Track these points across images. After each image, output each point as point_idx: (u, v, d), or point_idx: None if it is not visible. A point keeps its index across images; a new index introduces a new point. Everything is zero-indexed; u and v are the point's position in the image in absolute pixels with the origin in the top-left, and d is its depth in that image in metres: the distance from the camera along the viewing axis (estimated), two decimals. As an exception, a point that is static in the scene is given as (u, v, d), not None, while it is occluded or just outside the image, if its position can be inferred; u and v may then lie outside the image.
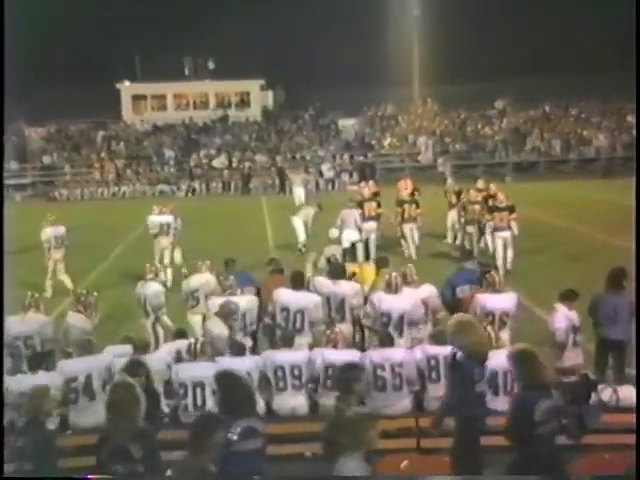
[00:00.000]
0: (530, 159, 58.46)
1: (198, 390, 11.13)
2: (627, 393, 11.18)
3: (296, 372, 11.79)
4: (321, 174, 56.25)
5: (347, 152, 59.68)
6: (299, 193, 43.29)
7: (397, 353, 11.82)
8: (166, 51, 63.38)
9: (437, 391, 11.34)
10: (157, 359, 11.53)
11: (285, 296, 13.48)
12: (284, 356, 11.93)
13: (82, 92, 60.08)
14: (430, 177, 47.06)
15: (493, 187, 25.44)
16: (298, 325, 13.22)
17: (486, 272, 14.00)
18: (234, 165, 58.16)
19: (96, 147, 62.42)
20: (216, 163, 58.62)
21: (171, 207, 25.15)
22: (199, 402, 11.14)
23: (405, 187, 27.46)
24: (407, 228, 25.34)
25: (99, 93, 63.22)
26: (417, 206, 25.90)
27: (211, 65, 69.08)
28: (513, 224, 22.36)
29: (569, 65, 56.12)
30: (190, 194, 54.66)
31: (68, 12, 53.67)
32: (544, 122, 62.39)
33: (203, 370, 11.05)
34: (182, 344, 11.87)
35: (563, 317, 12.26)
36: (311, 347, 12.71)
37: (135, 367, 10.77)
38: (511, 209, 22.77)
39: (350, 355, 11.86)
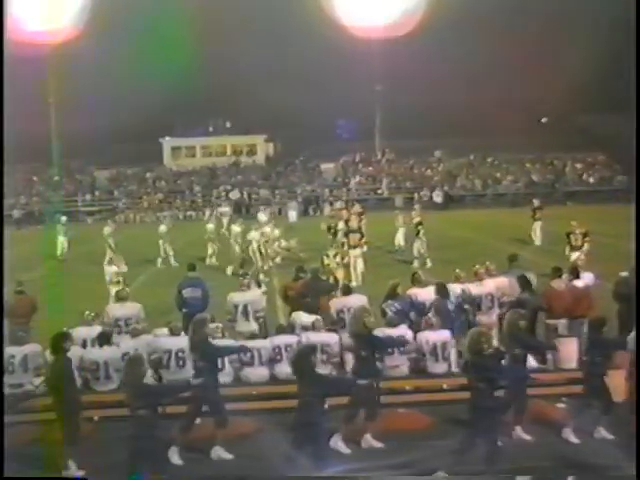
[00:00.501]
0: (459, 193, 58.87)
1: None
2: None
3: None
4: (309, 203, 56.78)
5: (327, 188, 60.02)
6: (291, 215, 44.30)
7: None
8: (195, 115, 63.90)
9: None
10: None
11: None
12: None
13: (136, 146, 60.58)
14: (387, 206, 47.82)
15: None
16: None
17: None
18: (244, 197, 58.54)
19: (145, 184, 62.71)
20: (231, 196, 58.84)
21: None
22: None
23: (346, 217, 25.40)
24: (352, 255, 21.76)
25: (148, 146, 63.88)
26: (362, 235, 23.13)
27: (228, 124, 69.11)
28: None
29: (488, 128, 56.60)
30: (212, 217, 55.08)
31: (126, 87, 54.01)
32: (469, 167, 62.85)
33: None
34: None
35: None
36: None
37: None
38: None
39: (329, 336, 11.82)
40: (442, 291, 12.64)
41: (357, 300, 12.45)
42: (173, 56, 55.22)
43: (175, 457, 9.58)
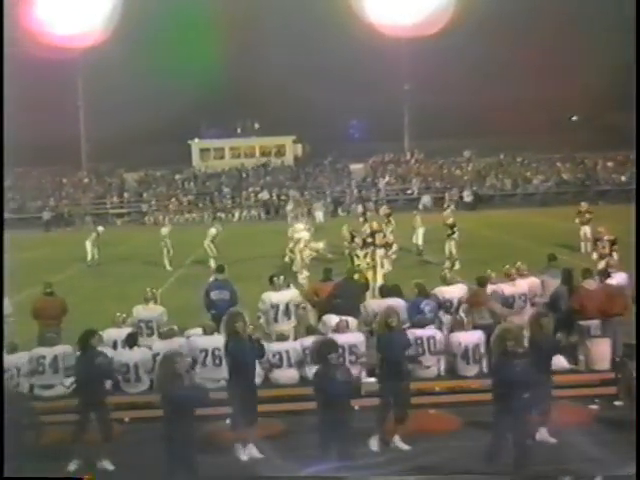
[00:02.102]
0: (489, 193, 58.53)
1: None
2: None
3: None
4: (338, 203, 56.85)
5: (356, 189, 60.07)
6: (318, 216, 44.50)
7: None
8: (224, 117, 64.18)
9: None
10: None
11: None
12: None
13: (164, 148, 61.03)
14: (415, 206, 47.75)
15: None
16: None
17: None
18: (273, 198, 58.74)
19: (174, 186, 63.03)
20: (261, 197, 59.07)
21: None
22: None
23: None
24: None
25: (176, 148, 64.35)
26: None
27: (257, 126, 69.34)
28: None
29: (517, 126, 56.29)
30: (241, 219, 55.54)
31: (154, 89, 54.48)
32: (498, 167, 62.37)
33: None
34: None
35: None
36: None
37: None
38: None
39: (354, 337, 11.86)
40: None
41: (393, 302, 12.27)
42: (201, 57, 55.58)
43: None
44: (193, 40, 56.10)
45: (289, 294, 13.53)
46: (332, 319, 12.42)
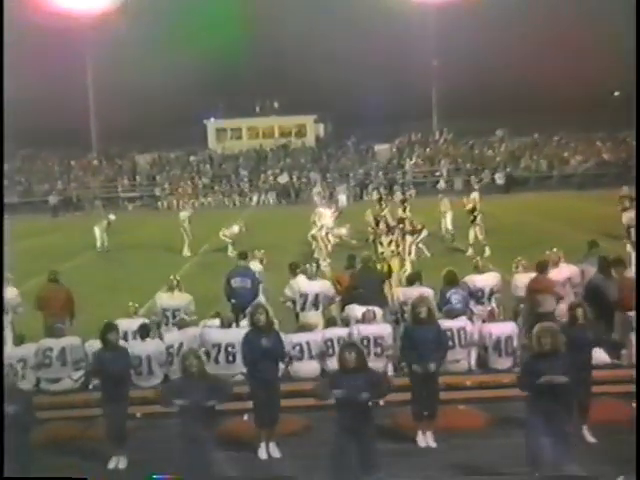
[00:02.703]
0: (523, 175, 58.09)
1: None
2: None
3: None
4: (362, 186, 56.78)
5: (381, 171, 59.90)
6: (341, 200, 44.65)
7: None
8: (241, 95, 64.07)
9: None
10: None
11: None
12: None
13: (179, 128, 61.08)
14: (446, 189, 47.49)
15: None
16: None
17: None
18: (294, 181, 58.75)
19: (189, 169, 63.16)
20: (280, 180, 59.11)
21: None
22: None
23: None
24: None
25: (192, 128, 64.44)
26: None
27: (276, 105, 69.29)
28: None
29: (554, 103, 55.85)
30: (260, 204, 55.62)
31: (169, 67, 54.60)
32: (533, 147, 61.92)
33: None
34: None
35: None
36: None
37: None
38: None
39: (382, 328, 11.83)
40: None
41: (422, 291, 12.09)
42: (218, 34, 55.51)
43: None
44: (211, 13, 56.08)
45: (320, 284, 13.44)
46: (356, 309, 12.39)
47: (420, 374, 9.90)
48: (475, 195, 27.95)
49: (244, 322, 11.87)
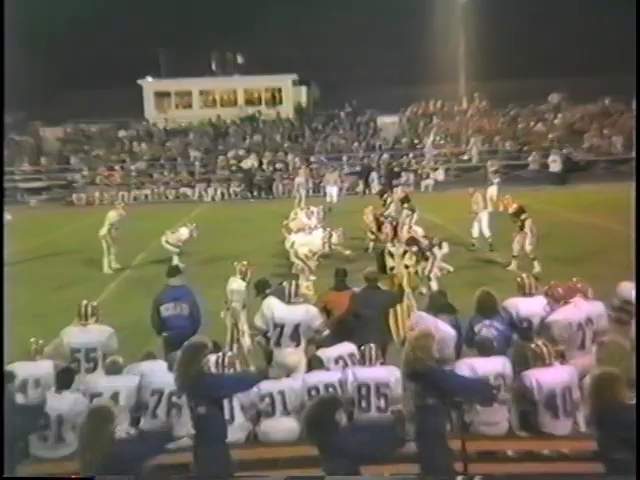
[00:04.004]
0: (587, 158, 57.88)
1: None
2: None
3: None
4: (362, 174, 56.60)
5: (387, 152, 59.89)
6: (331, 193, 44.68)
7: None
8: (191, 45, 64.07)
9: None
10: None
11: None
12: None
13: (102, 90, 60.82)
14: (476, 177, 47.31)
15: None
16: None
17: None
18: (265, 167, 58.60)
19: (117, 148, 63.11)
20: (245, 165, 58.88)
21: None
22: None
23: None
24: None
25: (120, 91, 64.10)
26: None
27: (240, 59, 69.40)
28: None
29: (630, 59, 55.99)
30: (217, 198, 55.57)
31: (86, 7, 54.41)
32: (603, 118, 61.72)
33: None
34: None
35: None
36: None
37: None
38: None
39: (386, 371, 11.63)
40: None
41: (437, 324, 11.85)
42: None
43: None
44: None
45: (301, 311, 13.27)
46: (348, 347, 12.44)
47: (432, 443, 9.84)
48: (493, 190, 28.04)
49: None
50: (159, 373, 11.67)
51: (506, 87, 61.29)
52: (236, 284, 15.49)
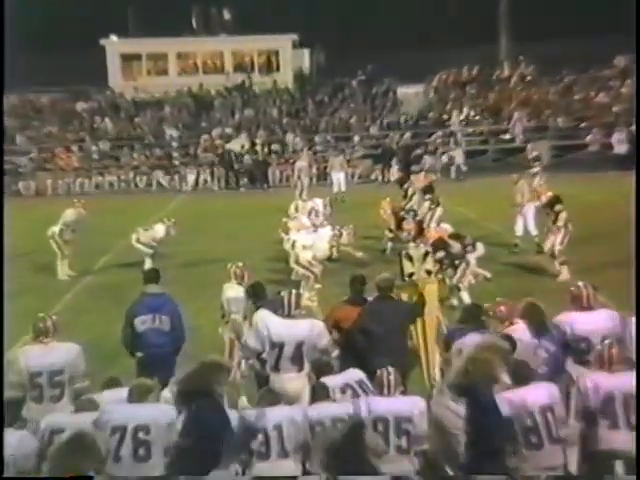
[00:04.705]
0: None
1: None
2: None
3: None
4: (378, 159, 56.56)
5: (408, 130, 59.87)
6: (337, 180, 44.63)
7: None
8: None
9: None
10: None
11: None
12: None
13: (54, 52, 60.77)
14: (519, 161, 47.29)
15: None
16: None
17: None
18: (258, 148, 58.44)
19: (74, 124, 62.96)
20: (234, 145, 58.79)
21: None
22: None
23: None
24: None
25: (77, 53, 64.07)
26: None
27: (227, 15, 69.29)
28: None
29: None
30: (199, 187, 55.70)
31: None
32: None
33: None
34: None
35: None
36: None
37: None
38: None
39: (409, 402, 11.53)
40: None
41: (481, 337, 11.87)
42: None
43: None
44: None
45: (304, 327, 13.27)
46: (355, 374, 12.41)
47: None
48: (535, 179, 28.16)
49: (166, 392, 11.84)
50: (120, 405, 11.50)
51: (558, 48, 61.27)
52: (233, 291, 15.58)
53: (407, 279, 17.26)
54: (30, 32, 57.64)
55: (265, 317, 13.29)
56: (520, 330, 12.50)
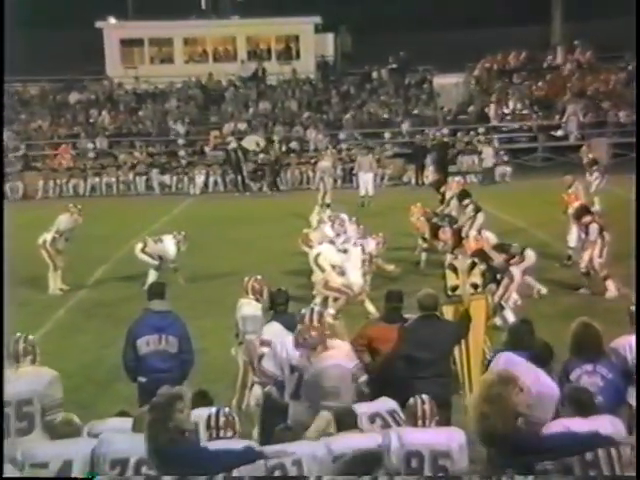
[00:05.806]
0: None
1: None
2: None
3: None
4: (411, 157, 56.55)
5: (447, 126, 59.76)
6: (366, 181, 44.52)
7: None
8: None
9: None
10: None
11: None
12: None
13: (44, 36, 60.94)
14: (573, 162, 47.17)
15: None
16: None
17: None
18: (275, 145, 58.24)
19: (69, 117, 63.27)
20: (248, 143, 58.90)
21: None
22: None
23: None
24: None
25: (71, 37, 64.24)
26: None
27: (239, -4, 69.51)
28: None
29: None
30: (208, 189, 55.79)
31: None
32: None
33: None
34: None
35: None
36: None
37: None
38: None
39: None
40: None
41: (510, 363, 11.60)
42: None
43: None
44: None
45: (337, 354, 13.07)
46: (388, 403, 12.33)
47: None
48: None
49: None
50: (121, 435, 11.45)
51: (621, 29, 61.03)
52: (249, 308, 15.54)
53: (450, 293, 17.23)
54: (16, 12, 57.83)
55: (284, 337, 13.26)
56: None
